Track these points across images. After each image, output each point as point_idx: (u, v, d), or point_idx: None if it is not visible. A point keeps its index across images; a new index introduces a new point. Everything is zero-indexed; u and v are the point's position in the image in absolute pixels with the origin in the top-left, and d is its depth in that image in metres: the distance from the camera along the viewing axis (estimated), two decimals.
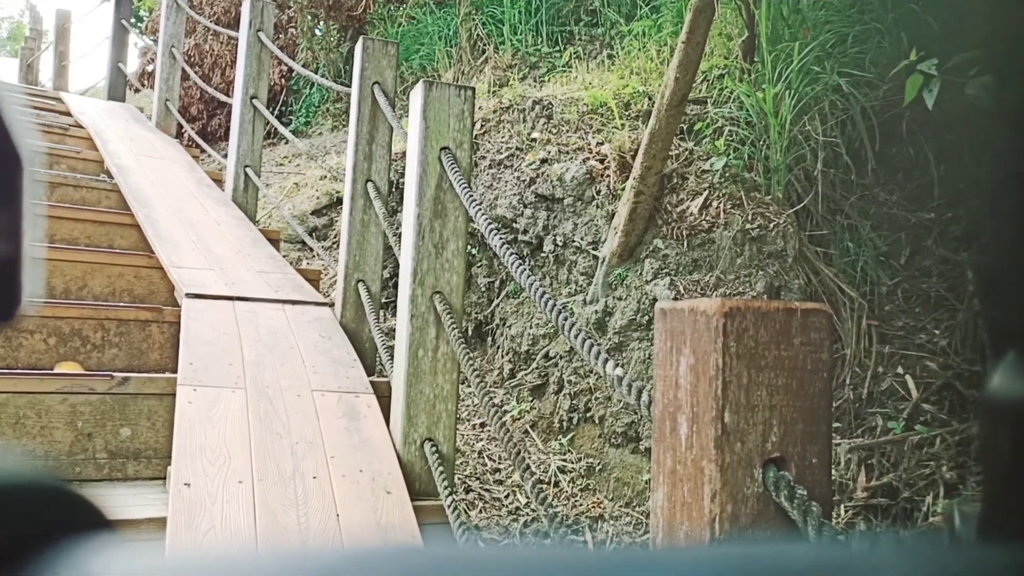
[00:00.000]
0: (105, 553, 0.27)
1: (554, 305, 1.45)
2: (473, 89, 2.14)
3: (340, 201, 5.95)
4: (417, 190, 2.03)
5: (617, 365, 1.15)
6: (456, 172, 1.99)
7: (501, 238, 1.82)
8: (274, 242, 3.84)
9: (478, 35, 7.66)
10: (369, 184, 2.95)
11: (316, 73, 8.52)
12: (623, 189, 3.85)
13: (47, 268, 3.05)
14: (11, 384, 2.05)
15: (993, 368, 0.31)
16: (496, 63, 7.41)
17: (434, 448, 1.99)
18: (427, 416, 2.01)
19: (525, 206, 4.20)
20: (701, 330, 0.88)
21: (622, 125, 4.24)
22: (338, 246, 5.84)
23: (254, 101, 4.24)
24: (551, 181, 4.14)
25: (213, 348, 2.33)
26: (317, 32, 8.72)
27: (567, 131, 4.35)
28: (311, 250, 5.78)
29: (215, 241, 3.47)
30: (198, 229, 3.56)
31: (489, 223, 1.88)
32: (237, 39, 5.20)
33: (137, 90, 9.00)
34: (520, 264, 1.59)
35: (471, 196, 1.92)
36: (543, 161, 4.20)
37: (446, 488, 1.87)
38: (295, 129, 8.33)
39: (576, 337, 1.33)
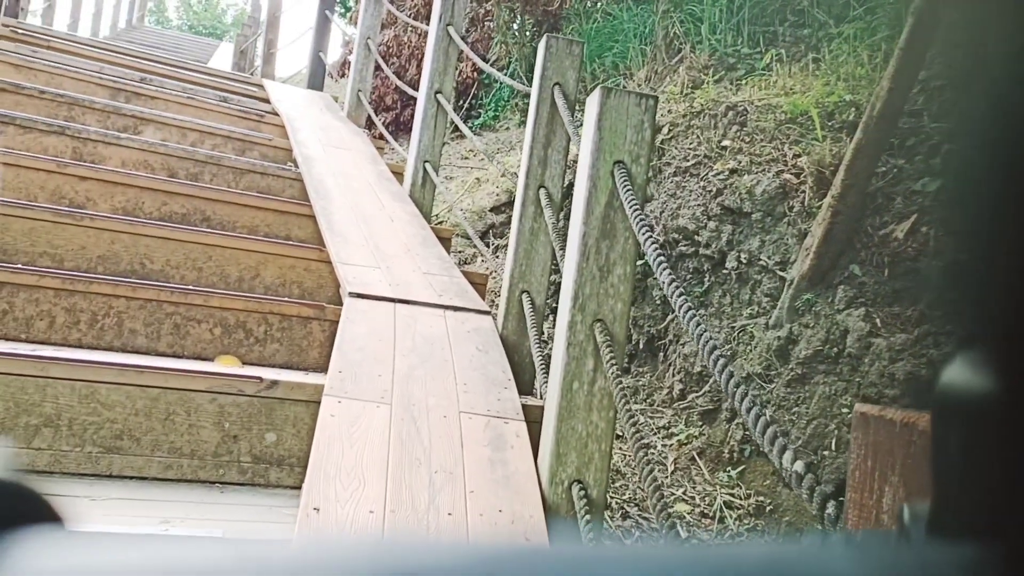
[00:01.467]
0: (51, 545, 0.27)
1: (719, 358, 1.23)
2: (655, 98, 1.93)
3: None
4: (585, 206, 1.85)
5: (797, 457, 0.93)
6: (629, 190, 1.79)
7: (670, 274, 1.62)
8: (445, 241, 3.77)
9: (675, 33, 7.37)
10: (542, 191, 2.79)
11: (507, 68, 8.51)
12: (819, 207, 3.52)
13: (227, 256, 3.10)
14: (163, 380, 2.04)
15: (944, 363, 0.30)
16: (692, 63, 7.10)
17: (582, 491, 1.82)
18: (578, 456, 1.84)
19: (709, 218, 3.93)
20: (918, 457, 0.66)
21: (823, 137, 3.88)
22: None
23: (438, 96, 4.19)
24: (740, 193, 3.84)
25: (365, 355, 2.25)
26: (513, 26, 8.70)
27: (761, 140, 4.04)
28: (487, 245, 5.74)
29: (386, 238, 3.43)
30: (371, 224, 3.54)
31: (658, 253, 1.68)
32: (416, 24, 5.20)
33: (336, 80, 9.32)
34: (688, 307, 1.38)
35: (642, 219, 1.72)
36: (732, 171, 3.91)
37: (591, 540, 1.69)
38: (483, 123, 8.34)
39: (742, 402, 1.11)
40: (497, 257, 5.71)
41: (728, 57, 7.08)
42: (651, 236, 1.70)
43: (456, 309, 2.83)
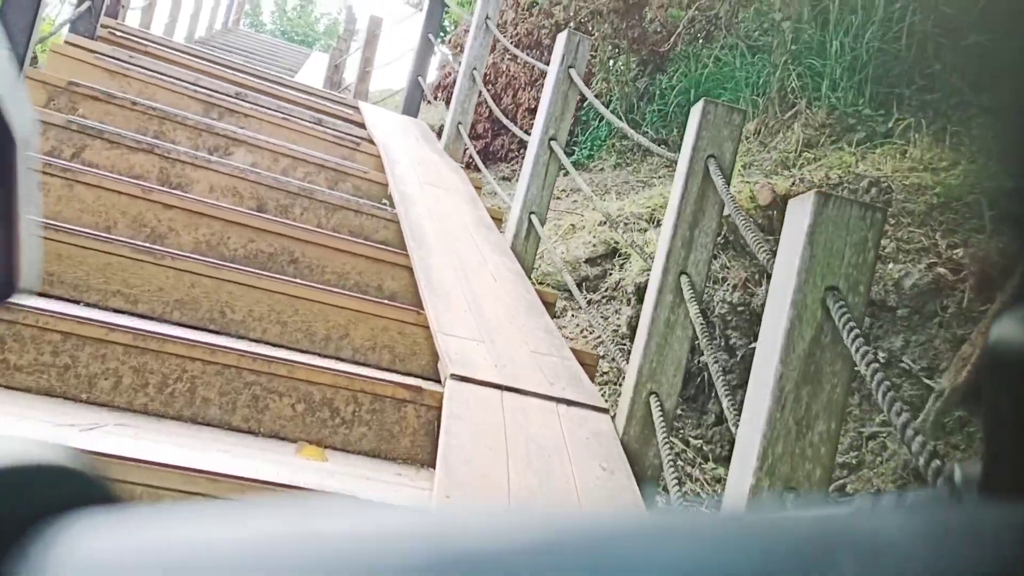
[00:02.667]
0: (107, 525, 0.27)
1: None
2: (883, 212, 1.54)
3: (616, 251, 5.47)
4: (785, 341, 1.45)
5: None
6: (849, 322, 1.40)
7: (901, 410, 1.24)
8: (550, 306, 3.41)
9: (791, 86, 6.93)
10: (683, 277, 2.41)
11: (608, 106, 8.16)
12: (982, 311, 3.08)
13: (315, 311, 2.77)
14: (237, 490, 1.70)
15: (996, 319, 0.29)
16: (807, 120, 6.66)
17: None
18: None
19: None
20: None
21: (989, 229, 3.44)
22: (608, 301, 5.37)
23: (552, 143, 3.83)
24: (884, 284, 3.41)
25: (474, 472, 1.89)
26: (616, 64, 8.34)
27: (909, 224, 3.60)
28: (576, 301, 5.36)
29: (489, 300, 3.08)
30: (472, 282, 3.19)
31: (887, 390, 1.30)
32: (533, 64, 4.86)
33: (429, 102, 9.07)
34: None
35: (874, 365, 1.33)
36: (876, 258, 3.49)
37: None
38: (576, 161, 7.98)
39: None
40: (589, 313, 5.34)
41: (848, 117, 6.62)
42: (886, 382, 1.32)
43: (571, 403, 2.45)
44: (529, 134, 4.03)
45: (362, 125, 5.26)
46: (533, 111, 8.58)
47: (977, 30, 6.08)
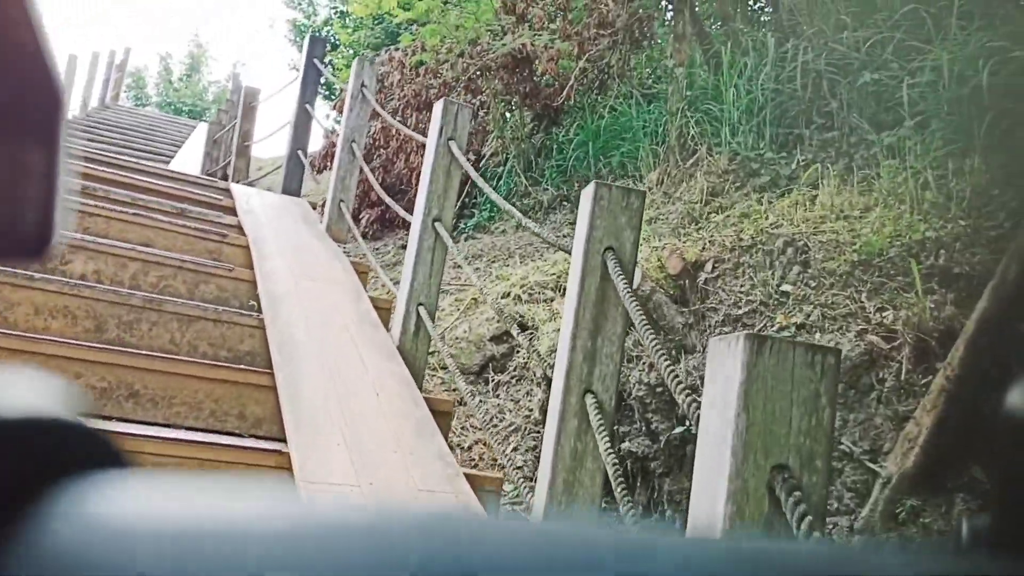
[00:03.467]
0: (117, 487, 0.27)
1: None
2: (837, 355, 1.15)
3: (524, 327, 5.06)
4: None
5: None
6: (806, 516, 1.00)
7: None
8: (444, 417, 2.97)
9: (690, 133, 6.70)
10: (588, 396, 2.00)
11: (504, 164, 7.82)
12: (923, 385, 2.76)
13: (150, 464, 2.27)
14: None
15: (1014, 381, 0.30)
16: (710, 166, 6.43)
17: None
18: None
19: None
20: None
21: (920, 290, 3.14)
22: (517, 381, 4.95)
23: (436, 225, 3.42)
24: None
25: None
26: (508, 117, 8.02)
27: (832, 286, 3.29)
28: (485, 382, 4.91)
29: (369, 425, 2.62)
30: (350, 403, 2.73)
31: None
32: (414, 135, 4.47)
33: (320, 172, 8.59)
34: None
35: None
36: (800, 327, 3.14)
37: None
38: (477, 224, 7.61)
39: None
40: (498, 396, 4.89)
41: (750, 161, 6.40)
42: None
43: None
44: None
45: (233, 211, 4.76)
46: None
47: (869, 67, 5.92)
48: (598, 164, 7.35)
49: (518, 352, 4.89)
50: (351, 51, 12.46)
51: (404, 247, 8.10)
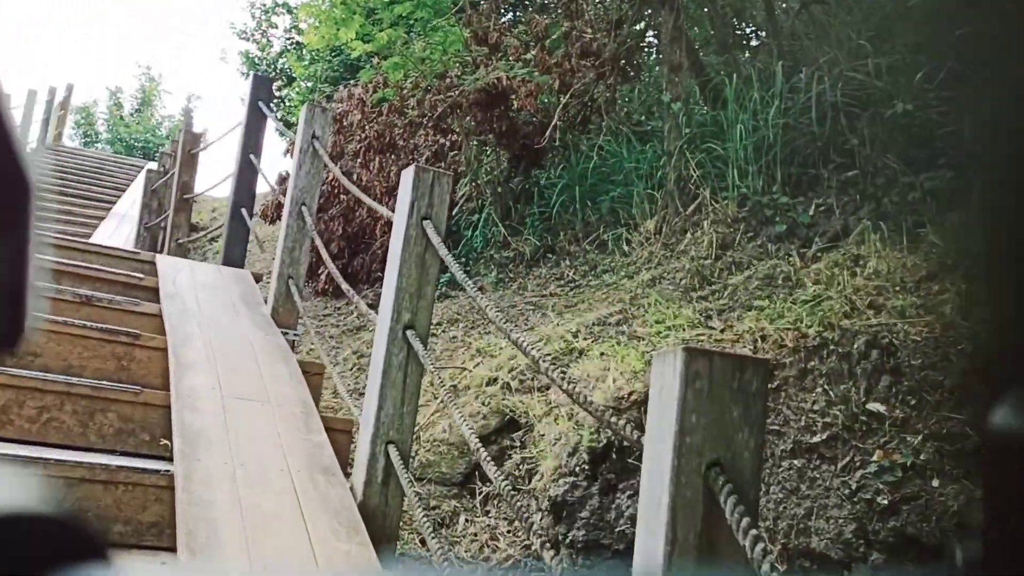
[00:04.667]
0: None
1: None
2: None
3: (514, 422, 4.17)
4: None
5: None
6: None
7: None
8: None
9: (691, 176, 5.89)
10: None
11: (480, 212, 6.97)
12: None
13: None
14: None
15: (999, 404, 0.29)
16: (716, 214, 5.63)
17: None
18: None
19: (869, 543, 2.29)
20: None
21: None
22: (517, 493, 4.08)
23: (408, 334, 2.56)
24: (925, 509, 2.24)
25: None
26: (484, 159, 7.18)
27: (939, 405, 2.46)
28: (471, 495, 4.02)
29: None
30: None
31: None
32: (380, 209, 3.60)
33: (271, 223, 7.67)
34: None
35: None
36: (904, 468, 2.30)
37: None
38: (449, 281, 6.73)
39: None
40: (487, 514, 3.98)
41: (763, 208, 5.62)
42: None
43: None
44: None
45: (156, 293, 3.87)
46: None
47: (902, 97, 5.13)
48: (585, 210, 6.53)
49: (509, 454, 4.01)
50: (308, 84, 11.58)
51: (373, 305, 7.20)
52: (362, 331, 6.53)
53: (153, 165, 11.12)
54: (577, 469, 3.04)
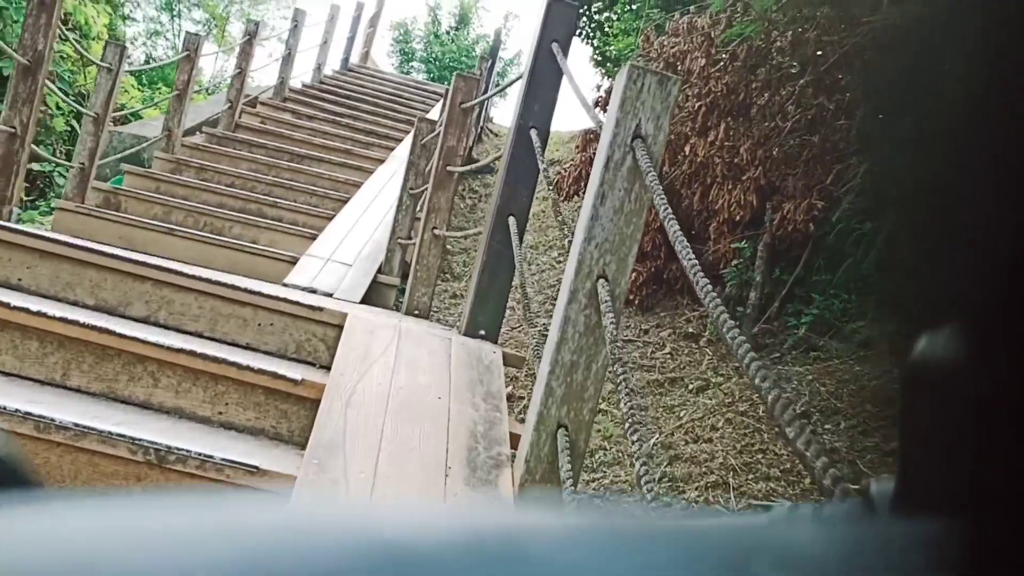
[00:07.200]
0: (25, 512, 0.25)
1: None
2: None
3: None
4: None
5: None
6: None
7: None
8: None
9: None
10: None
11: (878, 217, 4.60)
12: None
13: None
14: None
15: (918, 336, 0.29)
16: None
17: None
18: None
19: None
20: None
21: None
22: None
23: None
24: None
25: None
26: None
27: None
28: None
29: None
30: None
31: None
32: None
33: (567, 199, 5.67)
34: None
35: None
36: None
37: None
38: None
39: None
40: None
41: None
42: None
43: None
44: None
45: (315, 407, 2.06)
46: (735, 222, 5.09)
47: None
48: None
49: None
50: (633, 8, 9.43)
51: (694, 334, 5.09)
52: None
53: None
54: None
